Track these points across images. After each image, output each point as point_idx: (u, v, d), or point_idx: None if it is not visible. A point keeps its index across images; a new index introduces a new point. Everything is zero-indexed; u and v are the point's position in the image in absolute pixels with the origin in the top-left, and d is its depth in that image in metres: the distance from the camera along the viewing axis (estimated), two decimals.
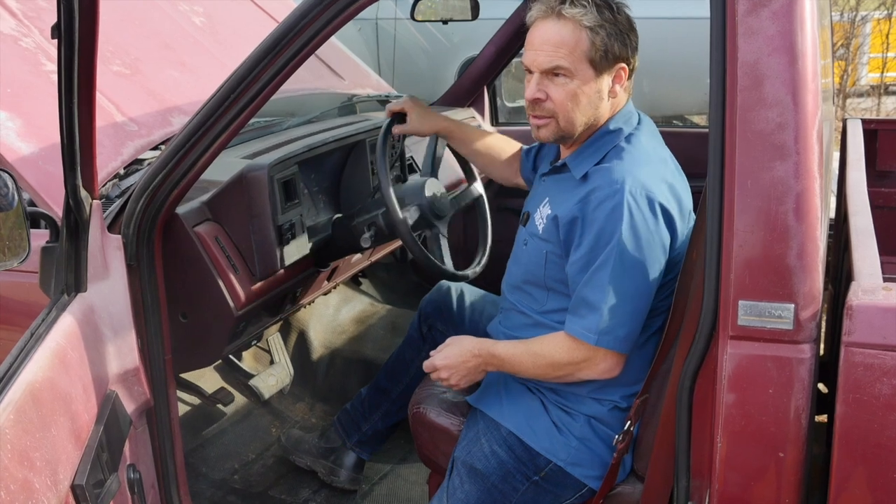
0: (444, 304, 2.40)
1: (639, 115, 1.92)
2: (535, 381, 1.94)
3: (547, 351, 1.84)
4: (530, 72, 1.83)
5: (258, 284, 2.10)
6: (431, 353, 1.98)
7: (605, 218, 1.73)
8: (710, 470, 1.46)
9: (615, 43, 1.77)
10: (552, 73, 1.79)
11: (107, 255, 1.80)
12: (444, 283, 2.44)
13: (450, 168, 2.59)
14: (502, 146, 2.35)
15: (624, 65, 1.81)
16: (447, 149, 2.40)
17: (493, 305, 2.34)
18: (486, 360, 1.91)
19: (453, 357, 1.92)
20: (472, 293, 2.42)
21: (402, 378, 2.51)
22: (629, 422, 1.78)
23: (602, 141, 1.84)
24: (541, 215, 1.89)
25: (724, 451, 1.43)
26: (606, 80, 1.81)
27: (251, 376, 2.99)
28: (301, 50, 1.70)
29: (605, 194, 1.74)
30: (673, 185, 1.81)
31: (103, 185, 2.12)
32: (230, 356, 2.91)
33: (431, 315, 2.43)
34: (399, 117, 2.26)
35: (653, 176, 1.77)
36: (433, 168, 2.34)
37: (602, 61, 1.77)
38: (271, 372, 3.05)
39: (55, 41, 1.46)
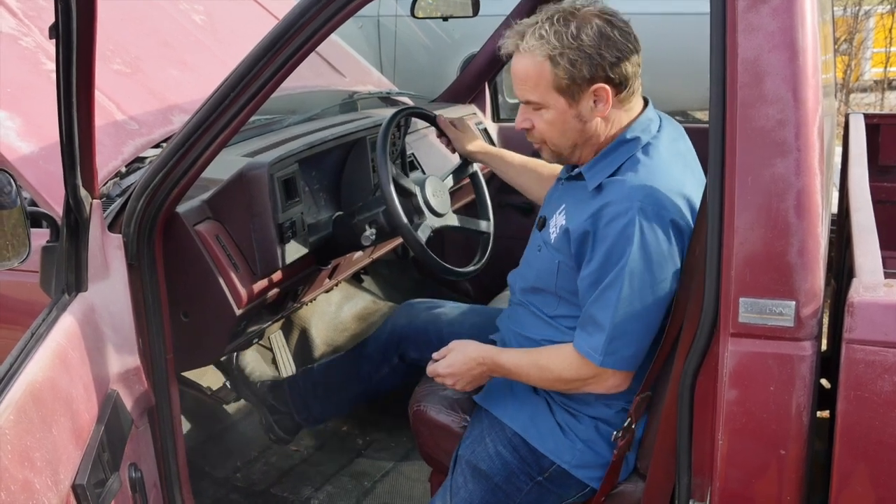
0: (414, 331, 2.34)
1: (660, 119, 1.86)
2: None
3: (555, 365, 1.82)
4: None
5: (259, 283, 2.10)
6: (434, 355, 1.96)
7: (616, 236, 1.69)
8: (711, 467, 1.46)
9: (583, 66, 1.69)
10: (530, 104, 1.79)
11: (107, 255, 1.80)
12: (412, 309, 2.39)
13: (449, 161, 2.59)
14: (541, 166, 2.35)
15: (602, 84, 1.72)
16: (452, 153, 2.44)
17: (477, 316, 2.29)
18: (490, 368, 1.90)
19: (458, 365, 1.91)
20: (444, 310, 2.36)
21: (355, 387, 2.47)
22: (629, 419, 1.78)
23: (618, 151, 1.79)
24: (555, 223, 1.86)
25: (726, 448, 1.43)
26: (585, 104, 1.74)
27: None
28: (301, 47, 1.69)
29: (616, 211, 1.70)
30: (690, 198, 1.74)
31: (104, 184, 2.12)
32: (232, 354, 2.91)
33: (401, 344, 2.36)
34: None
35: (669, 190, 1.71)
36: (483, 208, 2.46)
37: (571, 88, 1.72)
38: (274, 370, 3.05)
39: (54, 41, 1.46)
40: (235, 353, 2.73)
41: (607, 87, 1.73)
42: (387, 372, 2.41)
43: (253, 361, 2.74)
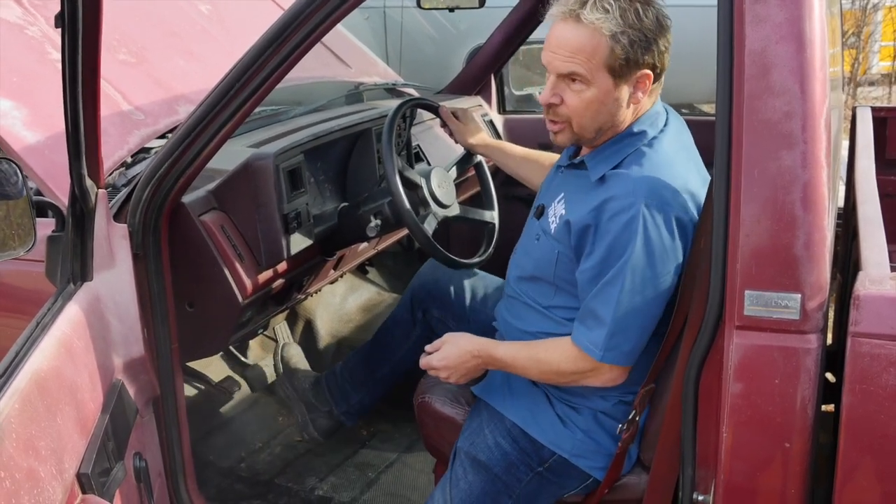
0: (440, 289, 2.37)
1: (667, 114, 1.85)
2: None
3: (552, 358, 1.82)
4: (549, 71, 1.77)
5: (264, 273, 2.10)
6: (427, 347, 1.96)
7: (619, 231, 1.68)
8: (715, 459, 1.45)
9: (638, 50, 1.67)
10: (568, 78, 1.72)
11: (112, 245, 1.80)
12: (436, 266, 2.41)
13: (454, 153, 2.59)
14: (543, 157, 2.35)
15: (648, 71, 1.71)
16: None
17: (497, 289, 2.31)
18: (486, 361, 1.90)
19: (452, 358, 1.90)
20: (469, 275, 2.38)
21: (388, 359, 2.50)
22: (634, 411, 1.78)
23: (623, 143, 1.77)
24: (554, 213, 1.85)
25: (730, 440, 1.43)
26: (626, 88, 1.72)
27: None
28: (306, 38, 1.69)
29: (620, 206, 1.68)
30: (694, 193, 1.73)
31: (109, 174, 2.12)
32: (236, 345, 2.92)
33: (426, 300, 2.40)
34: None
35: (673, 185, 1.70)
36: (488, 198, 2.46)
37: (622, 70, 1.69)
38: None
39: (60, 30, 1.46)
40: (282, 346, 2.75)
41: (651, 74, 1.72)
42: (419, 333, 2.42)
43: (297, 356, 2.75)
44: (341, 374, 2.60)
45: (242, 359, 3.03)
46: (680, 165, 1.77)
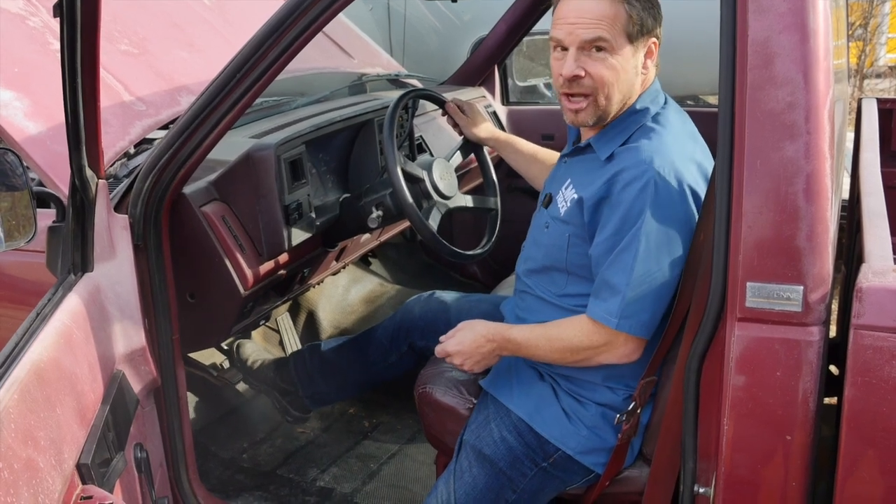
0: (425, 321, 2.35)
1: (665, 95, 1.87)
2: (547, 367, 1.92)
3: (565, 335, 1.80)
4: (563, 48, 1.75)
5: (265, 264, 2.10)
6: (442, 338, 1.95)
7: (633, 199, 1.69)
8: (716, 452, 1.45)
9: (648, 17, 1.73)
10: (591, 46, 1.72)
11: (113, 235, 1.80)
12: (423, 300, 2.40)
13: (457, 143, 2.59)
14: (550, 157, 2.34)
15: (655, 39, 1.78)
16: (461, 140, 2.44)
17: (490, 306, 2.29)
18: (500, 344, 1.88)
19: (467, 343, 1.89)
20: (456, 302, 2.36)
21: (364, 369, 2.48)
22: (634, 403, 1.77)
23: (629, 121, 1.80)
24: (563, 198, 1.85)
25: (732, 433, 1.42)
26: (640, 55, 1.77)
27: None
28: (307, 28, 1.68)
29: (632, 175, 1.70)
30: (702, 164, 1.76)
31: (111, 165, 2.12)
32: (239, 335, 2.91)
33: (411, 333, 2.39)
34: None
35: (681, 156, 1.73)
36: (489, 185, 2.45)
37: (638, 35, 1.73)
38: (280, 352, 3.06)
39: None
40: (236, 345, 2.74)
41: (658, 42, 1.78)
42: (395, 360, 2.42)
43: (252, 350, 2.75)
44: (310, 360, 2.56)
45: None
46: (687, 140, 1.80)
